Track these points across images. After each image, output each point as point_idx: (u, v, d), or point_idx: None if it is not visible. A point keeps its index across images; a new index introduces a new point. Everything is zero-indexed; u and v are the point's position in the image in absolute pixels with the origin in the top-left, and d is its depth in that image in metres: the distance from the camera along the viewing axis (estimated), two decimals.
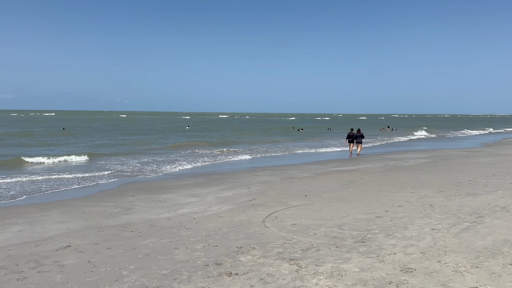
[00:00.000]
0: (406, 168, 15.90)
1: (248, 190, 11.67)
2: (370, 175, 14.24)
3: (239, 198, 10.47)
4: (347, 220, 7.70)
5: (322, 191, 11.25)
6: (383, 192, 10.66)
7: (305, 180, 13.58)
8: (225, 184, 12.95)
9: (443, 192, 10.28)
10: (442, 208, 8.39)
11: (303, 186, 12.14)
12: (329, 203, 9.43)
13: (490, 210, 7.97)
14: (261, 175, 15.02)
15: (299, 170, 16.46)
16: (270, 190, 11.66)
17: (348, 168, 16.75)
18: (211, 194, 11.16)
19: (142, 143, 31.52)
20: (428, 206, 8.66)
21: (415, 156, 21.26)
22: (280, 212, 8.67)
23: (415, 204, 8.99)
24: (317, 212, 8.55)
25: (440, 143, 35.03)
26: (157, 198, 10.82)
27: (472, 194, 9.78)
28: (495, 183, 11.31)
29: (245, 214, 8.59)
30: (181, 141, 34.08)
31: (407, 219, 7.64)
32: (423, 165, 16.77)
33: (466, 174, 13.44)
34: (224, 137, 41.01)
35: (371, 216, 8.00)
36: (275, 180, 13.57)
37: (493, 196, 9.43)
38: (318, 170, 16.25)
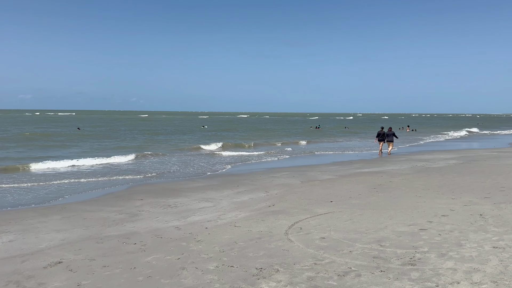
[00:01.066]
0: (437, 170, 14.50)
1: (266, 194, 10.49)
2: (399, 177, 12.91)
3: (256, 204, 9.30)
4: (386, 234, 6.46)
5: (349, 196, 10.00)
6: (419, 198, 9.36)
7: (327, 183, 12.33)
8: (241, 187, 11.79)
9: (489, 199, 8.93)
10: (496, 219, 7.07)
11: (327, 190, 10.90)
12: (360, 211, 8.18)
13: None
14: (279, 177, 13.82)
15: (319, 171, 15.21)
16: (290, 194, 10.46)
17: (373, 169, 15.43)
18: (226, 199, 10.02)
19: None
20: (478, 216, 7.35)
21: (443, 157, 19.76)
22: (304, 221, 7.47)
23: (461, 213, 7.68)
24: (347, 222, 7.32)
25: (465, 143, 33.26)
26: (167, 202, 9.73)
27: None
28: None
29: (264, 223, 7.41)
30: (205, 142, 33.12)
31: (458, 233, 6.35)
32: (455, 167, 15.33)
33: (507, 178, 12.01)
34: (244, 137, 39.95)
35: (413, 228, 6.74)
36: (294, 183, 12.36)
37: None
38: (340, 172, 14.97)
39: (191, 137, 37.53)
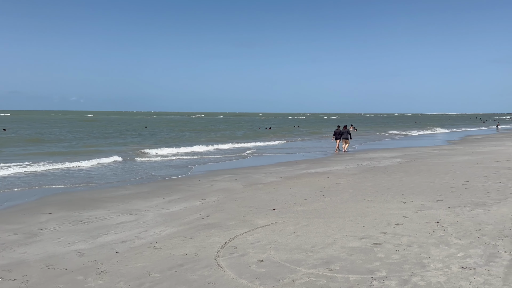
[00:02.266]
0: (383, 170, 13.83)
1: (202, 203, 9.09)
2: (345, 178, 12.01)
3: (188, 215, 7.87)
4: (336, 251, 5.31)
5: (294, 201, 8.85)
6: (368, 203, 8.39)
7: (271, 186, 11.15)
8: (175, 193, 10.28)
9: (442, 202, 8.14)
10: (455, 228, 6.18)
11: (270, 195, 9.70)
12: (305, 221, 7.02)
13: None
14: (220, 180, 12.45)
15: (264, 173, 14.03)
16: (230, 201, 9.13)
17: (319, 170, 14.50)
18: (153, 210, 8.48)
19: None
20: (435, 224, 6.43)
21: (387, 155, 19.37)
22: (241, 237, 6.17)
23: (416, 220, 6.74)
24: (291, 236, 6.11)
25: (406, 141, 33.75)
26: (80, 216, 8.03)
27: (480, 205, 7.68)
28: (495, 188, 9.33)
29: (192, 242, 6.02)
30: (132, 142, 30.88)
31: (417, 247, 5.34)
32: (400, 166, 14.78)
33: (454, 177, 11.47)
34: (191, 138, 38.11)
35: (366, 242, 5.65)
36: (236, 187, 11.05)
37: (508, 207, 7.35)
38: (285, 173, 13.88)
39: (131, 139, 35.13)
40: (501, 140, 29.42)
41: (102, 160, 17.47)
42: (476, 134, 44.42)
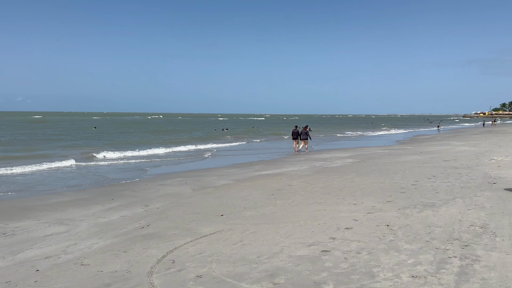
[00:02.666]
0: (336, 170, 13.72)
1: (145, 210, 8.42)
2: (298, 180, 11.74)
3: (127, 224, 7.20)
4: (282, 261, 4.90)
5: (244, 206, 8.40)
6: (319, 205, 8.10)
7: (223, 189, 10.64)
8: (117, 200, 9.53)
9: (392, 203, 7.99)
10: (405, 231, 5.97)
11: (219, 199, 9.19)
12: (253, 228, 6.58)
13: (469, 232, 5.69)
14: (168, 184, 11.78)
15: (217, 176, 13.50)
16: (176, 207, 8.53)
17: (273, 171, 14.17)
18: (89, 219, 7.72)
19: None
20: (385, 228, 6.20)
21: (339, 156, 19.43)
22: (181, 249, 5.62)
23: (366, 224, 6.49)
24: (237, 246, 5.64)
25: (359, 141, 34.39)
26: (4, 228, 7.13)
27: (429, 206, 7.58)
28: (444, 188, 9.36)
29: (126, 256, 5.40)
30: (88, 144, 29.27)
31: (367, 254, 5.04)
32: (352, 166, 14.77)
33: (404, 176, 11.50)
34: (138, 139, 36.74)
35: (314, 250, 5.29)
36: (185, 192, 10.44)
37: (456, 207, 7.29)
38: (238, 176, 13.43)
39: (78, 142, 33.36)
40: (447, 140, 30.61)
41: (42, 164, 16.18)
42: (424, 134, 46.22)
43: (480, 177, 10.65)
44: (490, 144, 23.35)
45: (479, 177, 10.66)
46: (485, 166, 12.96)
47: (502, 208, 6.99)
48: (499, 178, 10.38)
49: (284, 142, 34.07)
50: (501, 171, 11.61)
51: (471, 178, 10.53)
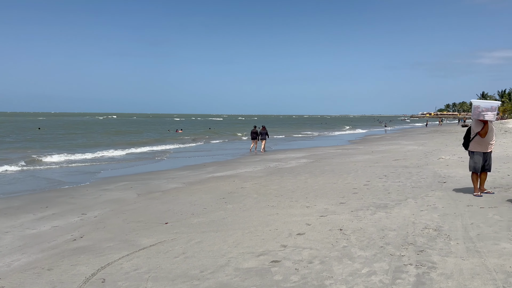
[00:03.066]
0: (290, 171, 13.43)
1: (81, 218, 7.61)
2: (251, 182, 11.29)
3: (58, 236, 6.40)
4: (228, 276, 4.39)
5: (192, 212, 7.82)
6: (272, 209, 7.68)
7: (171, 194, 9.98)
8: (52, 208, 8.61)
9: (345, 205, 7.72)
10: (359, 235, 5.66)
11: (166, 205, 8.55)
12: (199, 236, 6.03)
13: (424, 236, 5.46)
14: (112, 189, 10.93)
15: (166, 179, 12.78)
16: (116, 215, 7.79)
17: (226, 173, 13.65)
18: (15, 231, 6.82)
19: None
20: (338, 232, 5.86)
21: (294, 156, 19.26)
22: (116, 264, 4.96)
23: (319, 228, 6.13)
24: (179, 259, 5.06)
25: (314, 141, 34.64)
26: None
27: (381, 207, 7.37)
28: (395, 188, 9.26)
29: (49, 275, 4.66)
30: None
31: (319, 263, 4.64)
32: (306, 166, 14.56)
33: (356, 176, 11.37)
34: (90, 142, 34.88)
35: (264, 260, 4.83)
36: (129, 197, 9.68)
37: (409, 209, 7.11)
38: (190, 178, 12.78)
39: (18, 144, 31.13)
40: (396, 139, 31.48)
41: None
42: (375, 134, 47.54)
43: (430, 176, 10.71)
44: (437, 143, 24.17)
45: (429, 176, 10.71)
46: (434, 165, 13.16)
47: (454, 208, 6.90)
48: (448, 177, 10.47)
49: (239, 142, 33.68)
50: (449, 169, 11.78)
51: (422, 178, 10.56)
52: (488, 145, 7.99)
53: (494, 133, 8.09)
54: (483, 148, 7.98)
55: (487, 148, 8.00)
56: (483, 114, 7.76)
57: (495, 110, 7.76)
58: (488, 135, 7.89)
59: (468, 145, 8.15)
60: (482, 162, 8.00)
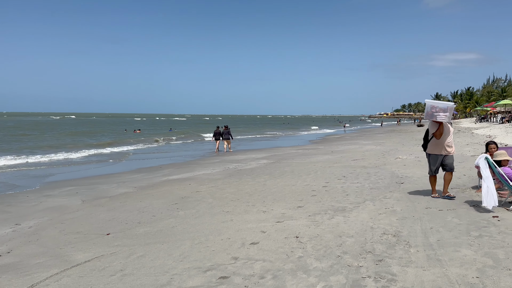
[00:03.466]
0: (249, 172, 12.98)
1: (14, 230, 6.77)
2: (208, 185, 10.74)
3: None
4: None
5: (139, 220, 7.17)
6: (226, 215, 7.17)
7: (119, 199, 9.25)
8: None
9: (303, 209, 7.35)
10: (315, 243, 5.26)
11: (112, 213, 7.84)
12: (142, 249, 5.42)
13: (382, 242, 5.14)
14: (55, 195, 10.03)
15: (117, 183, 11.97)
16: (54, 225, 7.00)
17: (183, 175, 13.00)
18: None
19: None
20: (294, 240, 5.45)
21: (255, 156, 18.86)
22: (41, 286, 4.27)
23: (274, 236, 5.70)
24: (115, 277, 4.45)
25: (274, 141, 34.43)
26: None
27: (340, 210, 7.05)
28: (354, 189, 9.01)
29: None
30: None
31: (271, 278, 4.19)
32: (266, 168, 14.17)
33: (316, 178, 11.09)
34: (40, 144, 32.91)
35: (211, 276, 4.31)
36: (72, 204, 8.85)
37: (367, 212, 6.83)
38: (142, 182, 12.03)
39: None
40: (355, 139, 31.88)
41: None
42: (335, 134, 48.17)
43: (388, 177, 10.59)
44: (394, 142, 24.57)
45: (387, 177, 10.59)
46: (392, 165, 13.14)
47: (412, 211, 6.68)
48: (406, 177, 10.39)
49: (200, 143, 32.97)
50: (407, 169, 11.75)
51: (380, 178, 10.41)
52: (443, 147, 7.59)
53: (451, 135, 7.70)
54: (439, 150, 7.64)
55: (442, 150, 7.61)
56: (435, 115, 7.36)
57: (450, 111, 7.31)
58: (443, 137, 7.54)
59: (426, 147, 7.94)
60: (438, 165, 7.70)
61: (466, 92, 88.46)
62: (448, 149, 7.64)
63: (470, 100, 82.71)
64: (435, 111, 7.33)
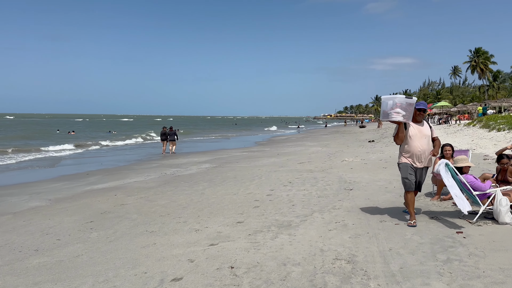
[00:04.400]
0: (188, 179, 11.68)
1: None
2: (137, 196, 9.32)
3: None
4: None
5: (37, 246, 5.67)
6: (150, 236, 5.88)
7: (24, 216, 7.59)
8: None
9: (243, 225, 6.24)
10: (253, 277, 4.15)
11: (8, 236, 6.24)
12: None
13: (336, 273, 4.13)
14: None
15: (30, 194, 10.17)
16: None
17: (110, 184, 11.42)
18: None
19: None
20: (227, 273, 4.30)
21: (197, 160, 17.53)
22: None
23: (204, 266, 4.51)
24: None
25: (220, 143, 33.18)
26: None
27: (285, 226, 6.03)
28: (300, 198, 8.06)
29: None
30: None
31: None
32: (207, 173, 12.94)
33: (260, 184, 10.06)
34: None
35: None
36: None
37: (315, 228, 5.84)
38: (61, 192, 10.33)
39: None
40: (301, 140, 31.51)
41: None
42: (281, 135, 47.88)
43: (335, 182, 9.80)
44: (339, 144, 24.32)
45: (334, 182, 9.80)
46: (339, 168, 12.46)
47: (366, 225, 5.79)
48: (354, 182, 9.65)
49: (137, 146, 30.97)
50: (354, 174, 11.07)
51: (327, 184, 9.59)
52: (416, 155, 5.72)
53: (427, 139, 5.79)
54: (410, 159, 5.78)
55: (414, 159, 5.75)
56: (390, 113, 5.65)
57: (410, 107, 5.58)
58: (410, 142, 5.73)
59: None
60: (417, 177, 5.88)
61: (404, 94, 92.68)
62: (424, 159, 5.80)
63: None
64: (390, 108, 5.66)
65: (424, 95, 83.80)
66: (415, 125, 5.83)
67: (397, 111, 5.57)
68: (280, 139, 35.72)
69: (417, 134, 5.77)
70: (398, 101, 5.63)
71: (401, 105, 5.63)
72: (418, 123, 5.87)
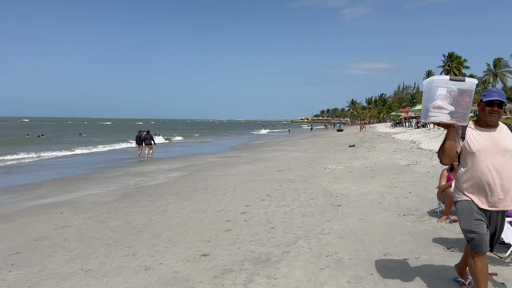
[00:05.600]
0: (151, 191, 10.13)
1: None
2: (86, 214, 7.73)
3: None
4: None
5: None
6: (82, 279, 4.35)
7: None
8: None
9: (208, 260, 4.79)
10: None
11: None
12: None
13: None
14: None
15: None
16: None
17: (61, 198, 9.76)
18: None
19: None
20: None
21: (167, 167, 15.94)
22: None
23: None
24: None
25: (195, 148, 31.55)
26: None
27: (261, 263, 4.61)
28: (281, 218, 6.69)
29: None
30: None
31: None
32: (175, 183, 11.42)
33: (233, 198, 8.64)
34: None
35: None
36: None
37: (301, 265, 4.46)
38: (1, 209, 8.62)
39: None
40: (279, 145, 30.25)
41: None
42: (258, 138, 46.57)
43: (320, 195, 8.48)
44: (319, 149, 23.15)
45: (319, 195, 8.48)
46: (322, 177, 11.16)
47: (367, 261, 4.45)
48: (342, 196, 8.35)
49: (106, 152, 29.02)
50: (340, 184, 9.78)
51: (311, 198, 8.26)
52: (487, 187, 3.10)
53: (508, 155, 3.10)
54: (475, 195, 3.15)
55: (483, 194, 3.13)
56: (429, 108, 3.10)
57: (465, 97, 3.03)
58: (478, 163, 3.10)
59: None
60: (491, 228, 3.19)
61: (379, 98, 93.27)
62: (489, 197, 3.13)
63: (383, 106, 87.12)
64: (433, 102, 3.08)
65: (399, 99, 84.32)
66: (483, 131, 3.16)
67: (441, 104, 3.02)
68: (257, 144, 34.36)
69: (487, 147, 3.10)
70: (440, 86, 3.04)
71: (447, 95, 3.03)
72: (489, 128, 3.17)
